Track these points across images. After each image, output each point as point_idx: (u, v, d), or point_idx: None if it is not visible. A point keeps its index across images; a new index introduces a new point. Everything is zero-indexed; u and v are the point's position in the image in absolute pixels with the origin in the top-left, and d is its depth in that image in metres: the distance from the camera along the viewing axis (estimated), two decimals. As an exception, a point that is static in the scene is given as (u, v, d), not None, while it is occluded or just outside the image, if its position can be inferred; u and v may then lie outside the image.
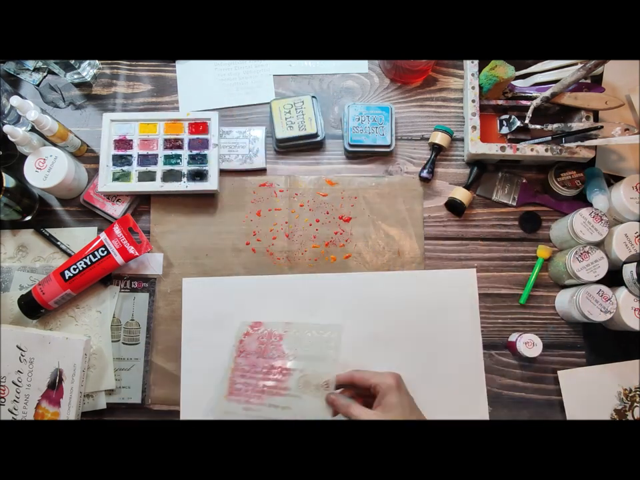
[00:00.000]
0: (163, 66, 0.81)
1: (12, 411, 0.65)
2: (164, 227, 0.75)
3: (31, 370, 0.66)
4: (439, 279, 0.74)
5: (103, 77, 0.80)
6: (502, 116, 0.76)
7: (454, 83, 0.81)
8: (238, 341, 0.69)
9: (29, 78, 0.80)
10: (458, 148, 0.79)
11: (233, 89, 0.80)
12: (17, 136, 0.67)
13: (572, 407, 0.70)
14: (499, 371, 0.72)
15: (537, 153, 0.71)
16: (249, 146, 0.76)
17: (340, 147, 0.78)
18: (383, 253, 0.75)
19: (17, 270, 0.73)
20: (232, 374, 0.66)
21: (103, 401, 0.70)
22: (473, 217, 0.77)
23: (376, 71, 0.81)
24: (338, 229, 0.75)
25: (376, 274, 0.74)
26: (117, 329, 0.72)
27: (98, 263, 0.69)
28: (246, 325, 0.70)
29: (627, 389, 0.71)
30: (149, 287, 0.73)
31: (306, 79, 0.81)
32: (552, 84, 0.74)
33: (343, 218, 0.76)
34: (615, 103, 0.71)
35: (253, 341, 0.68)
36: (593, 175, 0.74)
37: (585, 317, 0.67)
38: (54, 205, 0.76)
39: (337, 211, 0.76)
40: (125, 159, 0.74)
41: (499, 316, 0.74)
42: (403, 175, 0.77)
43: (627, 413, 0.70)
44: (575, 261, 0.68)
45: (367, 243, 0.75)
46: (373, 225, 0.76)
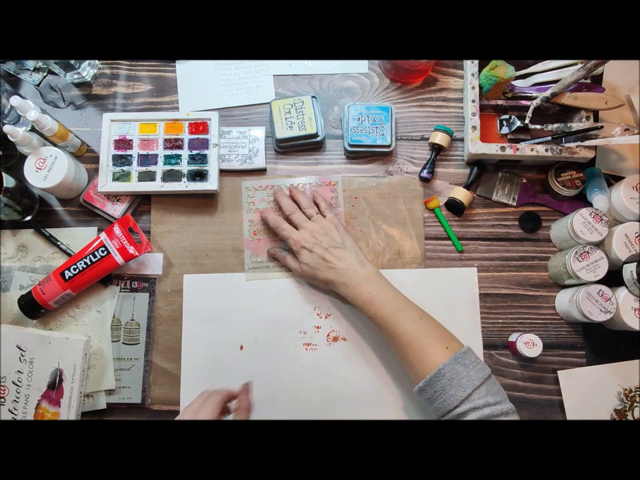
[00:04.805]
0: (163, 66, 0.81)
1: (12, 411, 0.65)
2: (164, 226, 0.75)
3: (31, 370, 0.66)
4: (440, 277, 0.74)
5: (103, 76, 0.80)
6: (502, 116, 0.76)
7: (454, 83, 0.81)
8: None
9: (29, 78, 0.80)
10: (458, 148, 0.79)
11: (233, 89, 0.80)
12: (16, 136, 0.67)
13: (572, 406, 0.70)
14: (499, 370, 0.72)
15: (537, 153, 0.71)
16: (249, 146, 0.76)
17: (340, 147, 0.78)
18: (384, 254, 0.75)
19: (17, 270, 0.73)
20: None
21: (103, 400, 0.70)
22: (472, 216, 0.77)
23: (376, 71, 0.81)
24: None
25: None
26: (117, 329, 0.72)
27: (98, 263, 0.69)
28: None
29: (627, 389, 0.71)
30: (149, 287, 0.73)
31: (306, 79, 0.81)
32: (552, 84, 0.74)
33: (344, 218, 0.75)
34: (615, 102, 0.71)
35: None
36: (593, 175, 0.74)
37: (585, 317, 0.67)
38: (54, 204, 0.76)
39: (337, 211, 0.76)
40: (125, 159, 0.74)
41: (499, 316, 0.74)
42: (402, 175, 0.77)
43: (627, 413, 0.70)
44: (575, 261, 0.68)
45: (367, 244, 0.75)
46: (373, 225, 0.76)
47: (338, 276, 0.66)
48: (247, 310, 0.73)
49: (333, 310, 0.73)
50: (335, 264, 0.66)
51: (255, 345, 0.72)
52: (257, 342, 0.72)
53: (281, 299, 0.73)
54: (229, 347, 0.72)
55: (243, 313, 0.73)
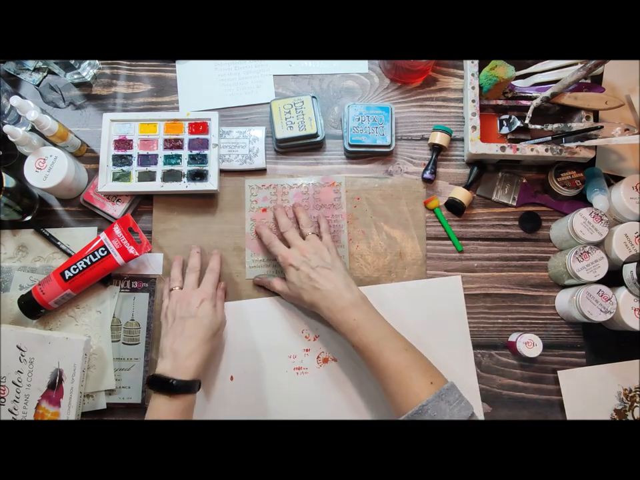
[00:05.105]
0: (163, 66, 0.81)
1: (12, 411, 0.65)
2: (166, 224, 0.75)
3: (31, 370, 0.66)
4: (425, 289, 0.74)
5: (103, 76, 0.80)
6: (502, 116, 0.76)
7: (454, 83, 0.81)
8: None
9: (29, 78, 0.80)
10: (458, 148, 0.79)
11: (233, 89, 0.80)
12: (16, 136, 0.67)
13: (572, 406, 0.70)
14: (499, 371, 0.72)
15: (537, 153, 0.71)
16: (249, 146, 0.76)
17: (340, 147, 0.78)
18: (385, 255, 0.75)
19: (17, 270, 0.73)
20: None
21: (103, 400, 0.70)
22: (472, 216, 0.77)
23: (376, 71, 0.81)
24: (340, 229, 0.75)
25: (365, 288, 0.70)
26: (117, 329, 0.72)
27: (98, 263, 0.69)
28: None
29: (627, 389, 0.71)
30: (149, 287, 0.73)
31: (306, 79, 0.81)
32: (552, 84, 0.74)
33: (346, 219, 0.75)
34: (615, 102, 0.71)
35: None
36: (593, 175, 0.74)
37: (585, 317, 0.67)
38: (54, 204, 0.76)
39: (340, 212, 0.76)
40: (125, 159, 0.74)
41: (499, 316, 0.74)
42: (403, 175, 0.77)
43: (627, 413, 0.70)
44: (575, 261, 0.68)
45: (368, 244, 0.75)
46: (375, 227, 0.76)
47: (323, 298, 0.64)
48: (235, 338, 0.72)
49: (321, 331, 0.72)
50: (321, 284, 0.64)
51: (245, 374, 0.70)
52: (246, 372, 0.71)
53: (268, 324, 0.72)
54: (220, 377, 0.70)
55: (232, 341, 0.71)
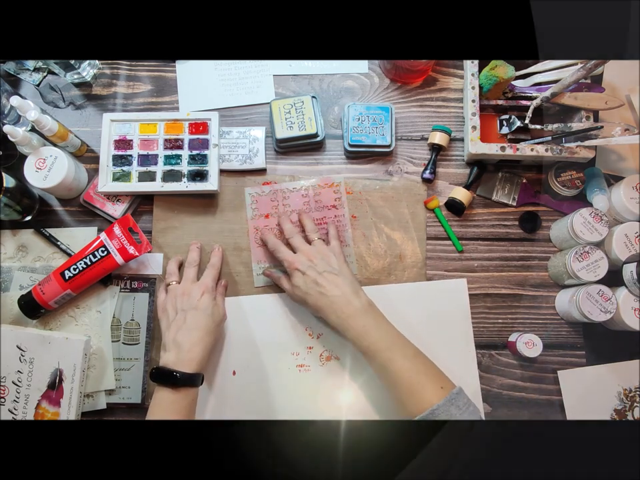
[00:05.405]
0: (163, 66, 0.80)
1: (12, 411, 0.65)
2: (167, 223, 0.75)
3: (31, 370, 0.66)
4: (430, 290, 0.73)
5: (103, 76, 0.80)
6: (502, 116, 0.76)
7: (454, 83, 0.81)
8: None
9: (29, 78, 0.80)
10: (458, 148, 0.79)
11: (233, 89, 0.80)
12: (16, 136, 0.67)
13: (572, 406, 0.70)
14: (499, 371, 0.72)
15: (537, 153, 0.71)
16: (249, 146, 0.76)
17: (340, 147, 0.78)
18: (385, 257, 0.75)
19: (17, 270, 0.73)
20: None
21: (103, 400, 0.70)
22: (472, 217, 0.77)
23: (376, 71, 0.81)
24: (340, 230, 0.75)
25: (367, 288, 0.70)
26: (117, 329, 0.72)
27: (98, 263, 0.69)
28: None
29: (627, 389, 0.71)
30: (149, 287, 0.73)
31: (306, 79, 0.81)
32: (552, 84, 0.74)
33: (346, 220, 0.75)
34: (615, 103, 0.71)
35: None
36: (592, 175, 0.74)
37: (585, 317, 0.67)
38: (54, 204, 0.76)
39: (339, 213, 0.76)
40: (125, 159, 0.74)
41: (499, 316, 0.74)
42: (403, 175, 0.77)
43: (627, 413, 0.70)
44: (575, 260, 0.68)
45: (369, 246, 0.75)
46: (376, 228, 0.75)
47: (330, 304, 0.63)
48: (238, 333, 0.72)
49: (325, 329, 0.72)
50: (328, 290, 0.63)
51: (247, 370, 0.71)
52: (248, 367, 0.71)
53: (272, 321, 0.72)
54: (222, 372, 0.70)
55: (235, 337, 0.72)
